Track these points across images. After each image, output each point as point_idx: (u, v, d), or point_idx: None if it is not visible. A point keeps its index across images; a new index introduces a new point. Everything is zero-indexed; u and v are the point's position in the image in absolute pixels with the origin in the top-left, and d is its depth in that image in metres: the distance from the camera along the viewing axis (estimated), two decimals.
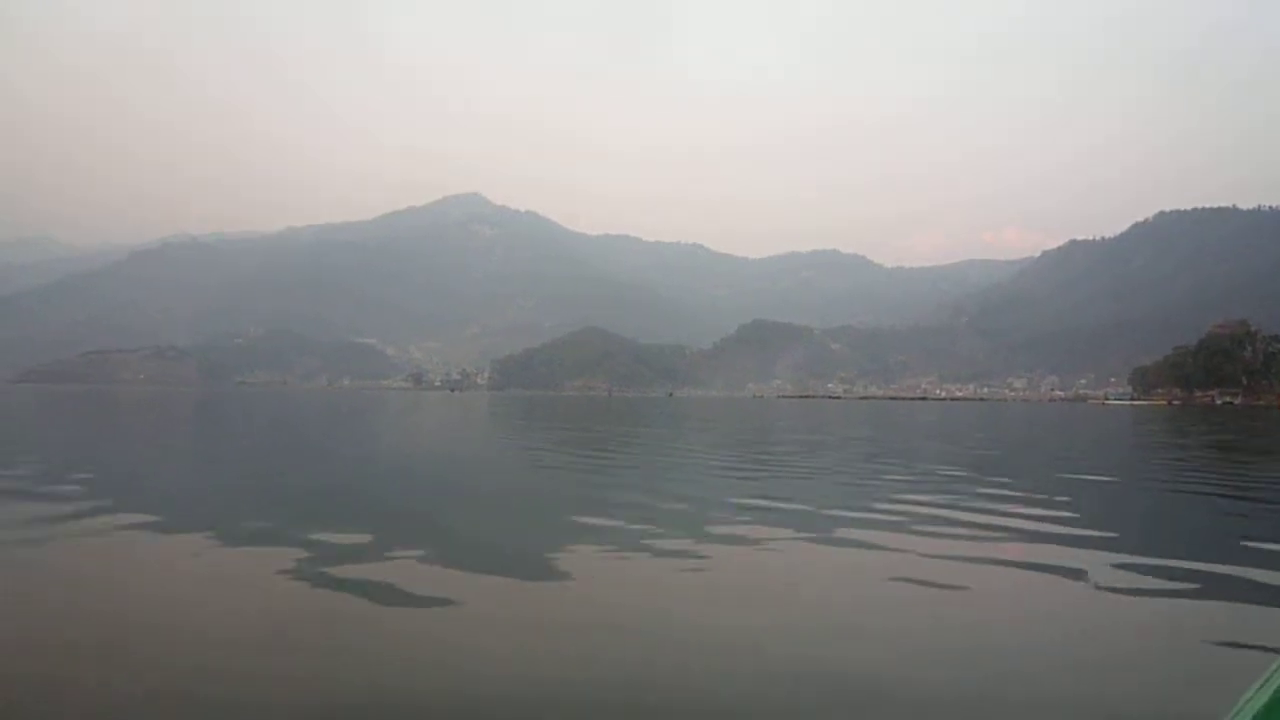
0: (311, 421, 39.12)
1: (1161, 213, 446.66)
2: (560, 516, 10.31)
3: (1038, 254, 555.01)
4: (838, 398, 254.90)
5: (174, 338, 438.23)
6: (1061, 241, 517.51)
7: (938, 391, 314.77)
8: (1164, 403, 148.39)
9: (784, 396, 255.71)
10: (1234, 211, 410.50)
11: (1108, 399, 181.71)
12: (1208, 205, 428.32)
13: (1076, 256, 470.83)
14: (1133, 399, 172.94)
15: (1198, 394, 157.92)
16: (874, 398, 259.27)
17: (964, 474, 15.83)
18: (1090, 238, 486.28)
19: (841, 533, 9.15)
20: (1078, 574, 7.24)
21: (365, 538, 8.48)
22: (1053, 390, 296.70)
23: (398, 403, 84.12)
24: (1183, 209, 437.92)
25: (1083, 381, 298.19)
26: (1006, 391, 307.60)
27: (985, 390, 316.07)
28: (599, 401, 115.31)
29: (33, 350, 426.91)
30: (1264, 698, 1.47)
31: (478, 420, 43.79)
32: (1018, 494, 12.70)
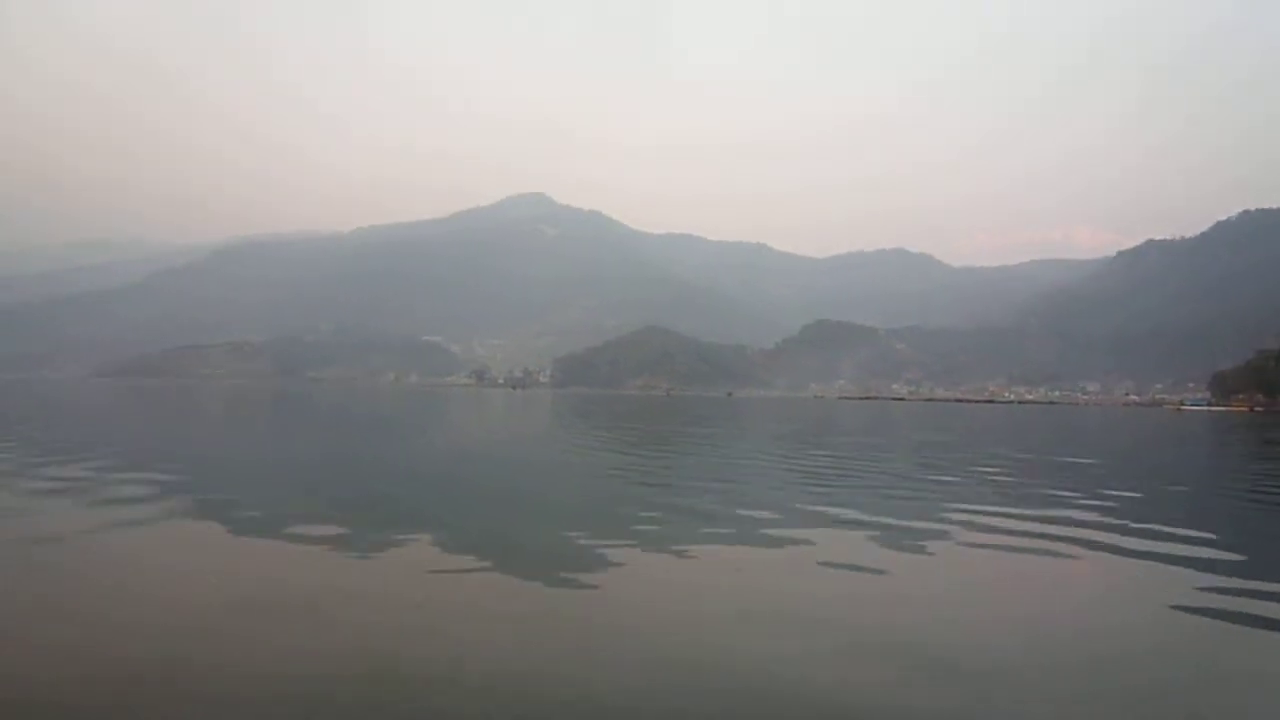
0: (392, 419, 40.52)
1: (1246, 211, 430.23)
2: (597, 514, 10.58)
3: (1112, 254, 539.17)
4: (902, 399, 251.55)
5: (251, 334, 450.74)
6: (1137, 241, 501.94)
7: (1006, 394, 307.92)
8: (1244, 409, 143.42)
9: (846, 398, 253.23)
10: None
11: (1183, 404, 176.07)
12: None
13: (1153, 257, 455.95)
14: (1210, 405, 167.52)
15: None
16: (940, 399, 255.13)
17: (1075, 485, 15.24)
18: (1168, 237, 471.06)
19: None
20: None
21: (424, 536, 8.85)
22: (1127, 395, 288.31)
23: (461, 400, 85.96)
24: (1268, 208, 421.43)
25: (1159, 386, 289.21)
26: (1079, 396, 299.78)
27: (1056, 394, 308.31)
28: (656, 401, 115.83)
29: (121, 346, 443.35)
30: None
31: (538, 418, 44.75)
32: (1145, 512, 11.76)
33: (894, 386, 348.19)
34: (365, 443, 22.09)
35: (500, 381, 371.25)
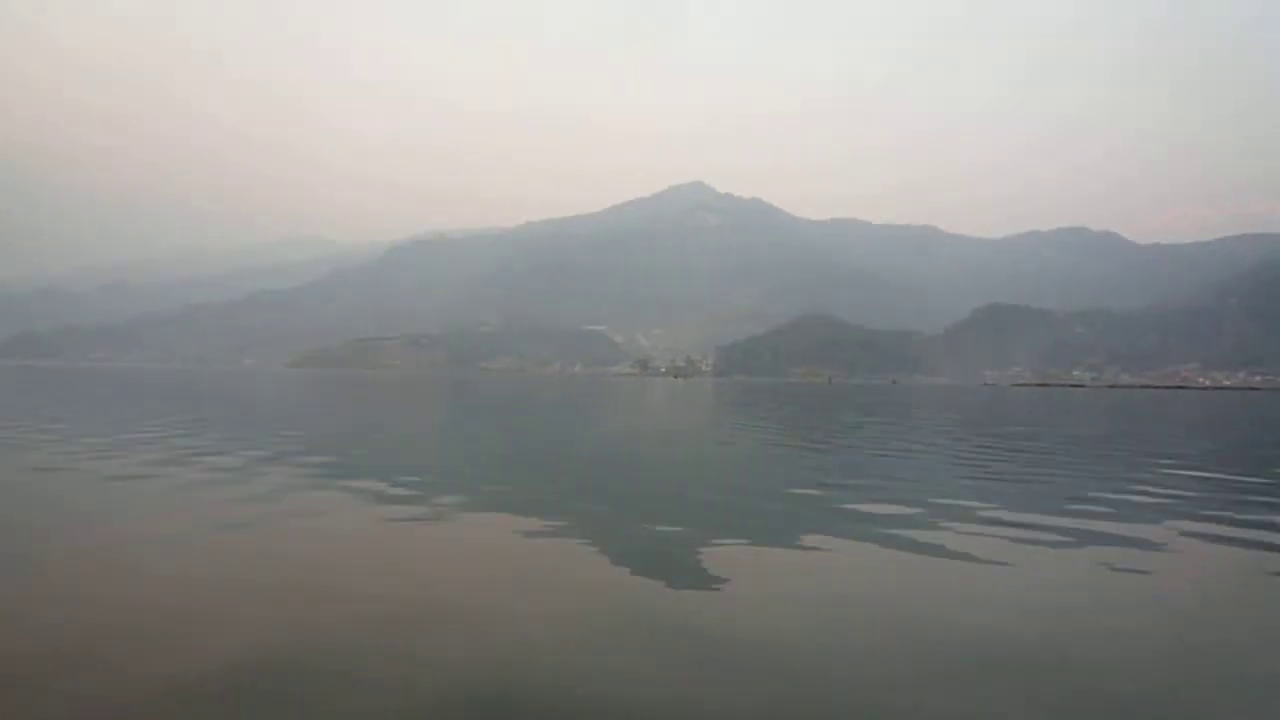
0: (562, 405, 42.22)
1: None
2: (743, 507, 10.33)
3: None
4: (1082, 386, 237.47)
5: (426, 326, 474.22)
6: None
7: (1200, 380, 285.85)
8: None
9: (1021, 385, 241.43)
10: None
11: None
12: None
13: None
14: None
15: None
16: (1125, 386, 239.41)
17: None
18: None
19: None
20: None
21: (605, 508, 9.34)
22: None
23: (624, 389, 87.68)
24: None
25: None
26: None
27: (1258, 379, 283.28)
28: (818, 389, 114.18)
29: (308, 337, 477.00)
30: None
31: (698, 407, 45.31)
32: None
33: (1074, 373, 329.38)
34: (541, 430, 23.31)
35: (662, 370, 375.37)
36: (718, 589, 6.46)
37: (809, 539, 8.36)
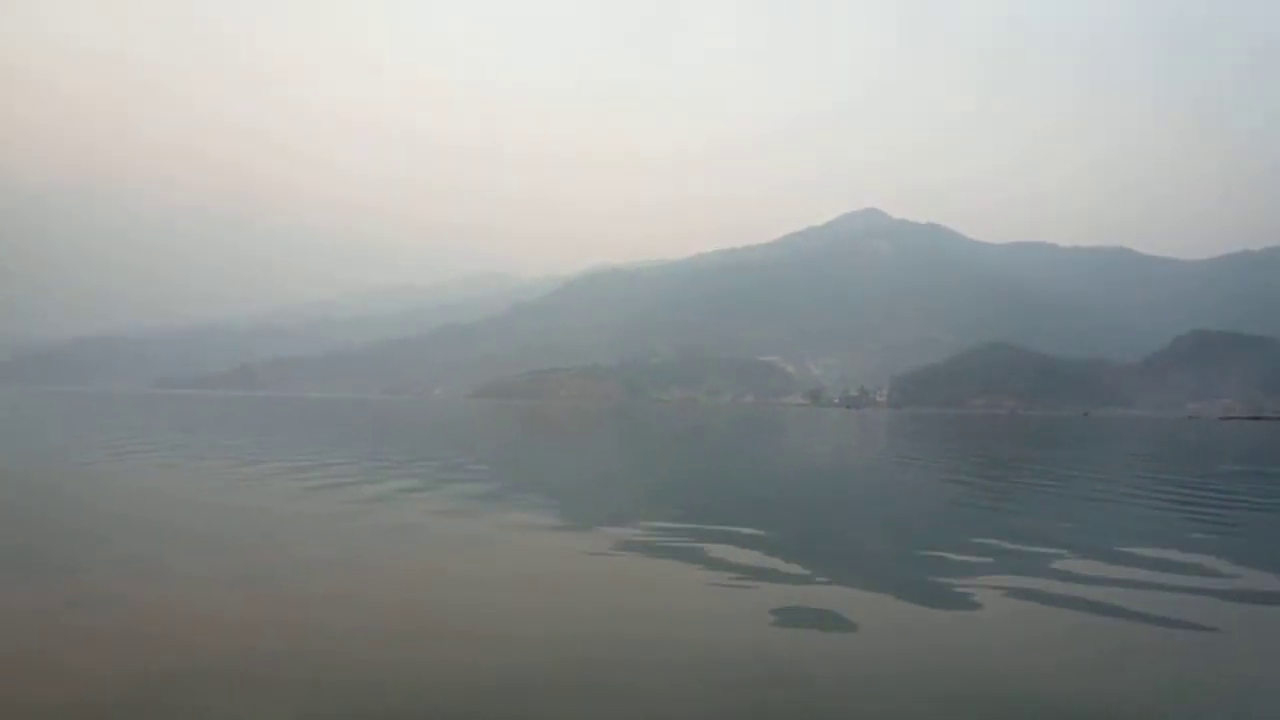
0: (737, 437, 43.67)
1: None
2: (924, 549, 10.16)
3: None
4: None
5: (601, 358, 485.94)
6: None
7: None
8: None
9: (1230, 418, 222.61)
10: None
11: None
12: None
13: None
14: None
15: None
16: None
17: None
18: None
19: None
20: None
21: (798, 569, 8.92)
22: None
23: (796, 420, 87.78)
24: None
25: None
26: None
27: None
28: (999, 421, 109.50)
29: (489, 369, 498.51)
30: None
31: (871, 439, 45.35)
32: None
33: None
34: (717, 459, 24.58)
35: (835, 401, 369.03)
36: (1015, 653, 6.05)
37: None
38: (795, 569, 8.91)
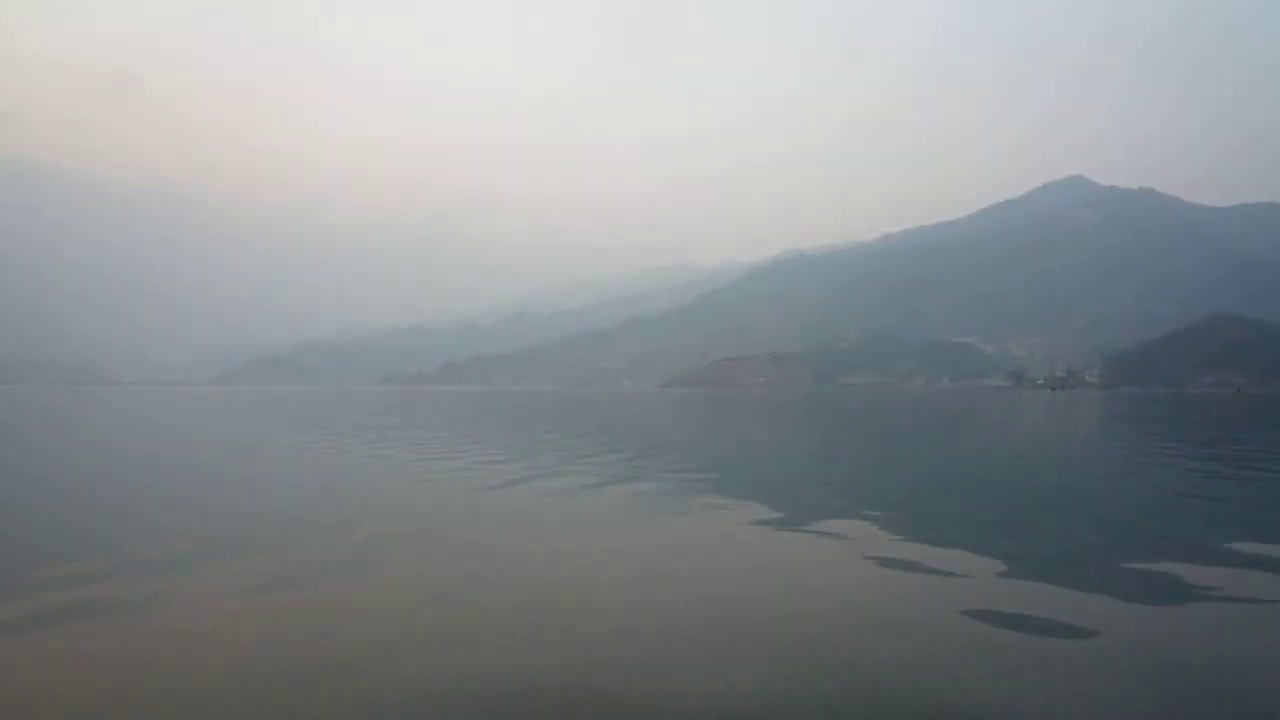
0: (938, 422, 42.70)
1: None
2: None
3: None
4: None
5: (789, 344, 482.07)
6: None
7: None
8: None
9: None
10: None
11: None
12: None
13: None
14: None
15: None
16: None
17: None
18: None
19: None
20: None
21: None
22: None
23: (997, 403, 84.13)
24: None
25: None
26: None
27: None
28: (1225, 401, 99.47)
29: (677, 359, 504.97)
30: None
31: (1082, 423, 42.85)
32: None
33: None
34: (924, 447, 24.18)
35: (1039, 382, 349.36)
36: None
37: None
38: (1015, 567, 8.09)
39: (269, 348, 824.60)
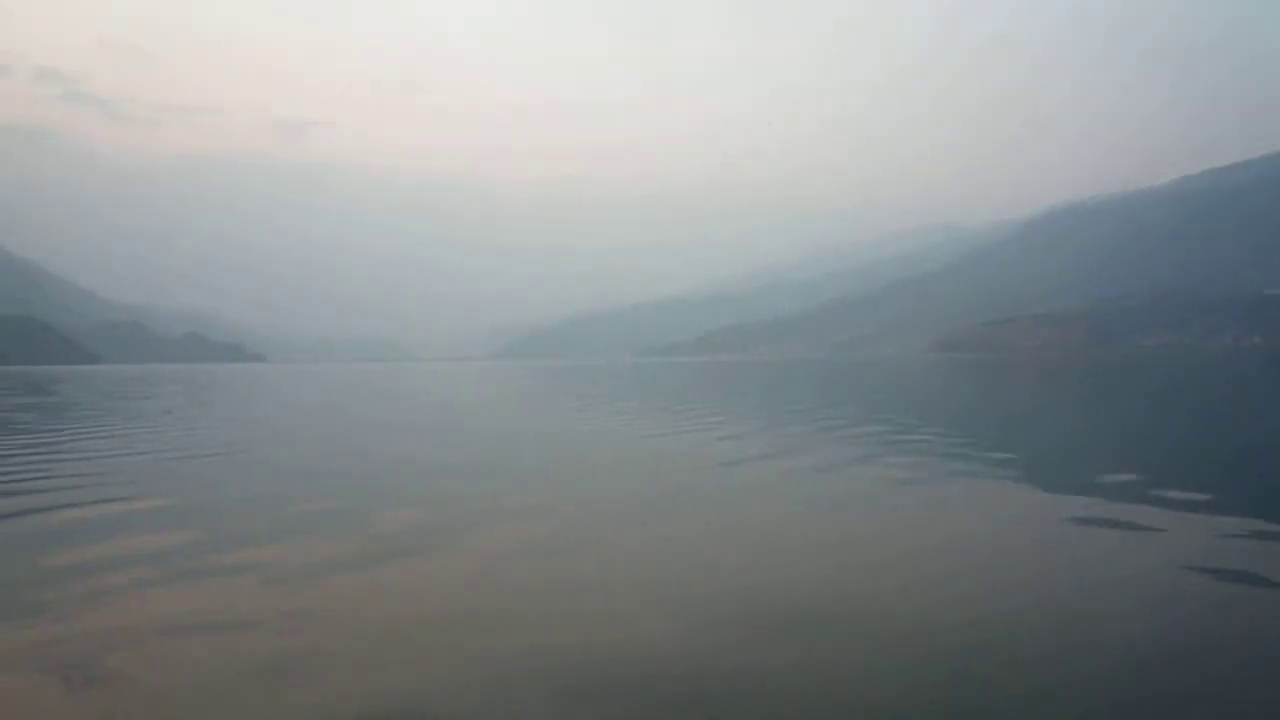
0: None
1: None
2: None
3: None
4: None
5: (1065, 303, 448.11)
6: None
7: None
8: None
9: None
10: None
11: None
12: None
13: None
14: None
15: None
16: None
17: None
18: None
19: None
20: None
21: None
22: None
23: None
24: None
25: None
26: None
27: None
28: None
29: (942, 322, 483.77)
30: None
31: None
32: None
33: None
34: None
35: None
36: None
37: None
38: None
39: (537, 322, 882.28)
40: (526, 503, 10.31)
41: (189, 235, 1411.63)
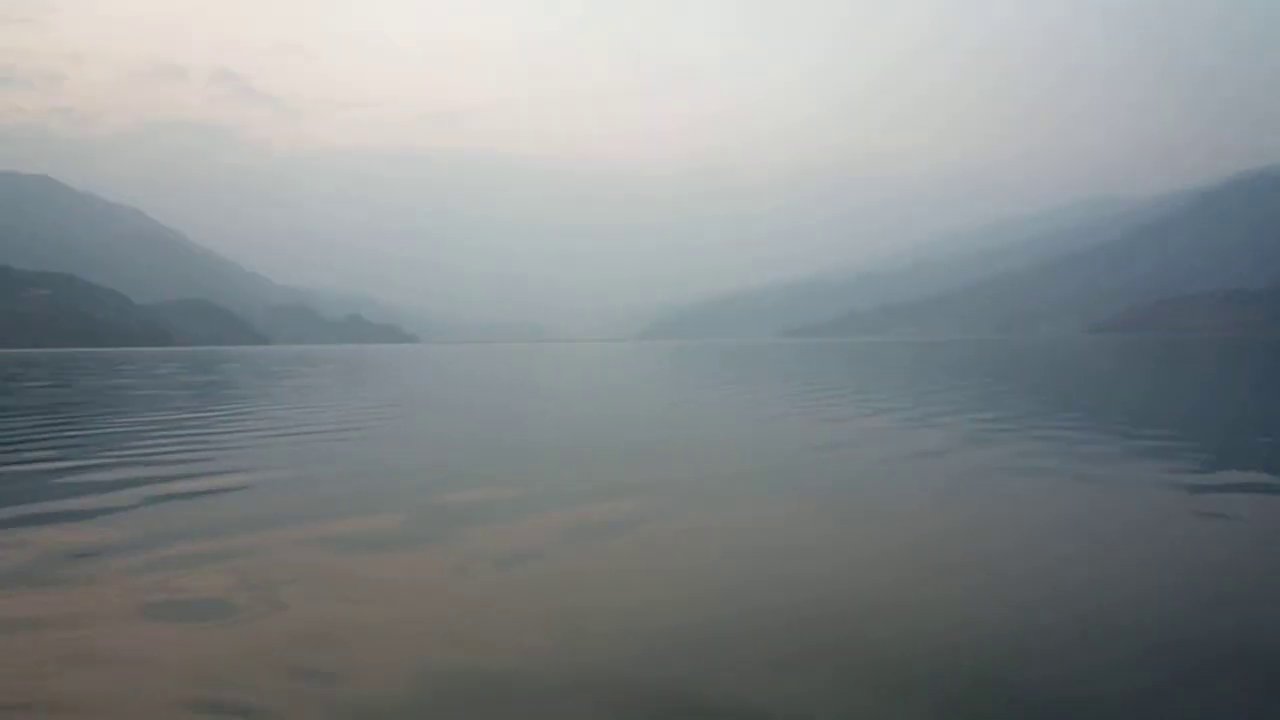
0: None
1: None
2: None
3: None
4: None
5: (1244, 281, 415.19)
6: None
7: None
8: None
9: None
10: None
11: None
12: None
13: None
14: None
15: None
16: None
17: None
18: None
19: None
20: None
21: None
22: None
23: None
24: None
25: None
26: None
27: None
28: None
29: (1105, 301, 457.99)
30: None
31: None
32: None
33: None
34: None
35: None
36: None
37: None
38: None
39: (679, 304, 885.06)
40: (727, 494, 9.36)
41: (347, 223, 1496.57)
